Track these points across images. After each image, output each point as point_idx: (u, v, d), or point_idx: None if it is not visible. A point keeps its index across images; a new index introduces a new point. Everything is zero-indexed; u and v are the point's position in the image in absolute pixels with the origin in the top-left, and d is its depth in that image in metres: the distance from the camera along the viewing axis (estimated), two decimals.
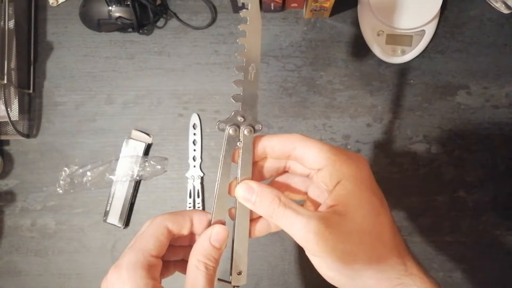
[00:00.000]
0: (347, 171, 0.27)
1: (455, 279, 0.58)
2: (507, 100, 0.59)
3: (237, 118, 0.30)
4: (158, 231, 0.29)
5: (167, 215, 0.30)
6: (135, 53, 0.61)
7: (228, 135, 0.30)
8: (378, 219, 0.27)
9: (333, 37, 0.60)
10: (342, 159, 0.28)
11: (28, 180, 0.60)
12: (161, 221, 0.30)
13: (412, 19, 0.56)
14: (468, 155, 0.59)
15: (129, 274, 0.27)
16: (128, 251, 0.28)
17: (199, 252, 0.29)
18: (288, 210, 0.27)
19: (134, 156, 0.58)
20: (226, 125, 0.30)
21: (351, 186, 0.27)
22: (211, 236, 0.29)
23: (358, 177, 0.28)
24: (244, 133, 0.30)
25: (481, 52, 0.59)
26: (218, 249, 0.29)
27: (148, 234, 0.29)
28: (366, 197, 0.27)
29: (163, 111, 0.60)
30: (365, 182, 0.28)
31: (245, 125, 0.30)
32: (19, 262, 0.59)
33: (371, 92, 0.59)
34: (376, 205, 0.27)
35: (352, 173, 0.27)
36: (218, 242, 0.29)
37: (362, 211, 0.27)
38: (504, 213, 0.58)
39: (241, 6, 0.57)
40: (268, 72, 0.60)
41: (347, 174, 0.27)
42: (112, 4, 0.56)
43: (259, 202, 0.28)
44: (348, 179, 0.27)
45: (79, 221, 0.59)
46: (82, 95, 0.60)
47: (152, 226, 0.30)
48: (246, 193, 0.29)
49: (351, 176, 0.27)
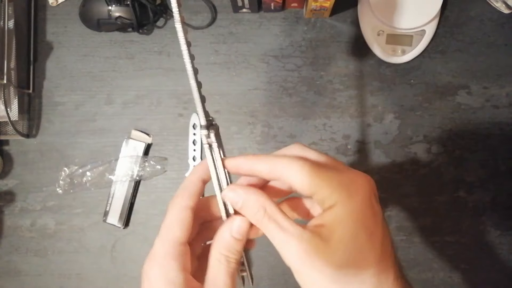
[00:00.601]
0: (339, 197, 0.26)
1: (455, 279, 0.58)
2: (508, 100, 0.59)
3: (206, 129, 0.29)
4: (182, 214, 0.28)
5: (185, 194, 0.29)
6: (135, 53, 0.60)
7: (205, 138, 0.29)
8: (361, 254, 0.25)
9: (333, 37, 0.60)
10: (333, 185, 0.26)
11: (27, 180, 0.60)
12: (180, 200, 0.29)
13: (412, 19, 0.56)
14: (469, 155, 0.59)
15: (160, 268, 0.27)
16: (158, 241, 0.28)
17: (221, 245, 0.28)
18: (271, 224, 0.26)
19: (134, 156, 0.58)
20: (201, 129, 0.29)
21: (341, 214, 0.25)
22: (232, 229, 0.28)
23: (349, 206, 0.26)
24: (211, 135, 0.29)
25: (481, 52, 0.59)
26: (240, 241, 0.28)
27: (173, 220, 0.28)
28: (352, 231, 0.25)
29: (163, 111, 0.60)
30: (355, 213, 0.26)
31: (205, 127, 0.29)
32: (19, 262, 0.59)
33: (371, 92, 0.59)
34: (360, 241, 0.25)
35: (343, 200, 0.26)
36: (240, 234, 0.28)
37: (345, 245, 0.25)
38: (504, 213, 0.58)
39: (241, 5, 0.57)
40: (268, 72, 0.60)
41: (339, 200, 0.26)
42: (112, 4, 0.56)
43: (245, 209, 0.27)
44: (340, 205, 0.26)
45: (78, 221, 0.59)
46: (82, 95, 0.60)
47: (174, 209, 0.29)
48: (233, 198, 0.28)
49: (342, 203, 0.26)
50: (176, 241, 0.27)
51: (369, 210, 0.26)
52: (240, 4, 0.57)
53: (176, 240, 0.28)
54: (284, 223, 0.26)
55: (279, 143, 0.59)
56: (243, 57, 0.60)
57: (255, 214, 0.27)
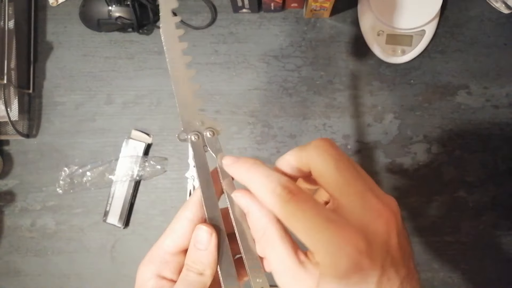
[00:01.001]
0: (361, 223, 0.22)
1: (455, 279, 0.58)
2: (508, 100, 0.59)
3: (196, 123, 0.29)
4: (177, 224, 0.27)
5: (189, 204, 0.28)
6: (135, 53, 0.60)
7: (192, 143, 0.29)
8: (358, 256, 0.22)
9: (333, 37, 0.60)
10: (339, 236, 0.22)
11: (27, 180, 0.60)
12: (181, 212, 0.28)
13: (412, 19, 0.56)
14: (468, 155, 0.59)
15: (140, 269, 0.28)
16: (154, 246, 0.28)
17: (188, 257, 0.27)
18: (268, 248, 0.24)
19: (134, 156, 0.58)
20: (187, 134, 0.29)
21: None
22: (194, 238, 0.27)
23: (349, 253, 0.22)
24: (207, 136, 0.29)
25: (481, 52, 0.59)
26: (203, 251, 0.26)
27: (169, 228, 0.28)
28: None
29: (163, 111, 0.60)
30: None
31: (205, 128, 0.29)
32: (19, 262, 0.59)
33: (371, 92, 0.59)
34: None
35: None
36: (201, 243, 0.26)
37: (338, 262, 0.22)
38: (504, 213, 0.58)
39: (241, 6, 0.57)
40: (268, 72, 0.60)
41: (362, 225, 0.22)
42: (112, 4, 0.56)
43: (249, 222, 0.26)
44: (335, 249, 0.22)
45: (78, 221, 0.59)
46: (82, 95, 0.60)
47: (175, 218, 0.28)
48: (243, 205, 0.26)
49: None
50: (163, 249, 0.27)
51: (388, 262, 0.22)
52: (240, 4, 0.57)
53: (164, 248, 0.27)
54: (283, 252, 0.24)
55: (279, 143, 0.59)
56: (243, 57, 0.60)
57: (256, 232, 0.25)
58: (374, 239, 0.22)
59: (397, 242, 0.22)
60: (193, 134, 0.28)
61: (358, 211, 0.23)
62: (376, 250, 0.22)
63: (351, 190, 0.23)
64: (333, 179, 0.24)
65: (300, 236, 0.22)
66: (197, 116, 0.29)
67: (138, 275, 0.28)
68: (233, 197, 0.27)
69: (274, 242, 0.24)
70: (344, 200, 0.23)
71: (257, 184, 0.24)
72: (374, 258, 0.21)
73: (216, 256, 0.26)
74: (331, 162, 0.24)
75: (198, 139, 0.29)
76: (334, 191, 0.24)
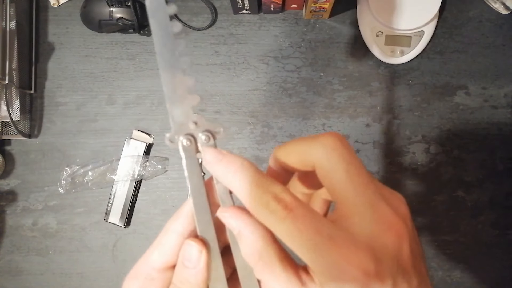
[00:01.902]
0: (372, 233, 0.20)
1: (454, 278, 0.59)
2: (506, 100, 0.59)
3: (188, 125, 0.23)
4: (165, 237, 0.24)
5: (179, 216, 0.24)
6: (136, 54, 0.61)
7: (183, 148, 0.24)
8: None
9: (333, 38, 0.60)
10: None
11: (29, 180, 0.60)
12: (170, 223, 0.24)
13: (411, 20, 0.57)
14: (467, 155, 0.59)
15: (124, 285, 0.24)
16: (140, 259, 0.25)
17: (175, 275, 0.24)
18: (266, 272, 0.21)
19: (135, 156, 0.59)
20: (177, 137, 0.23)
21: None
22: (182, 254, 0.23)
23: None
24: (202, 141, 0.24)
25: (479, 52, 0.60)
26: (191, 269, 0.23)
27: (156, 240, 0.24)
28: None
29: (163, 111, 0.60)
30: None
31: (201, 131, 0.24)
32: (21, 261, 0.60)
33: (370, 92, 0.60)
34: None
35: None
36: (190, 261, 0.23)
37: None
38: (502, 213, 0.59)
39: (241, 7, 0.58)
40: (268, 73, 0.60)
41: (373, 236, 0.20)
42: (113, 5, 0.57)
43: (240, 244, 0.22)
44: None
45: (80, 220, 0.60)
46: (83, 96, 0.61)
47: (163, 230, 0.24)
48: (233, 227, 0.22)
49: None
50: (149, 264, 0.24)
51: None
52: (240, 6, 0.57)
53: (150, 263, 0.24)
54: (283, 276, 0.21)
55: (279, 143, 0.60)
56: (243, 58, 0.60)
57: (250, 256, 0.22)
58: (384, 254, 0.20)
59: (409, 252, 0.21)
60: (185, 138, 0.24)
61: (366, 223, 0.21)
62: (386, 267, 0.20)
63: (361, 200, 0.21)
64: (342, 185, 0.21)
65: (300, 255, 0.20)
66: (190, 116, 0.24)
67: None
68: (220, 217, 0.23)
69: (273, 266, 0.21)
70: (351, 210, 0.21)
71: (246, 195, 0.21)
72: (384, 277, 0.19)
73: (206, 276, 0.23)
74: (341, 166, 0.21)
75: (190, 144, 0.24)
76: (341, 199, 0.22)
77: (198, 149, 0.24)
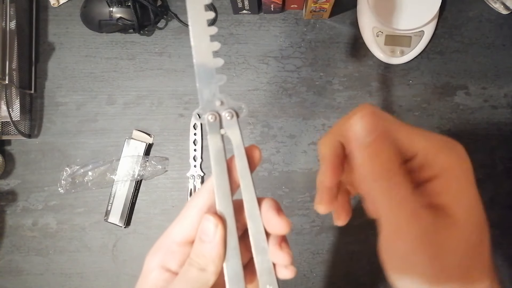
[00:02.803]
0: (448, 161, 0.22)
1: None
2: (506, 100, 0.59)
3: (214, 103, 0.26)
4: (187, 212, 0.25)
5: (202, 192, 0.26)
6: (136, 54, 0.61)
7: (208, 124, 0.26)
8: (485, 229, 0.21)
9: (333, 38, 0.60)
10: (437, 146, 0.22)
11: (29, 180, 0.60)
12: (192, 199, 0.26)
13: (411, 20, 0.57)
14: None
15: (147, 258, 0.26)
16: (163, 234, 0.26)
17: (192, 250, 0.25)
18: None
19: (135, 156, 0.59)
20: (204, 113, 0.26)
21: (456, 182, 0.22)
22: (201, 228, 0.24)
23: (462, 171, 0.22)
24: (226, 118, 0.26)
25: (479, 52, 0.60)
26: (208, 243, 0.24)
27: (179, 215, 0.26)
28: (475, 198, 0.21)
29: (163, 111, 0.60)
30: (470, 178, 0.22)
31: (225, 109, 0.26)
32: (21, 261, 0.60)
33: (370, 92, 0.60)
34: (482, 210, 0.22)
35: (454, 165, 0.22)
36: (206, 235, 0.24)
37: (473, 218, 0.21)
38: (502, 213, 0.59)
39: (241, 7, 0.58)
40: (268, 73, 0.60)
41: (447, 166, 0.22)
42: (113, 5, 0.57)
43: None
44: (451, 172, 0.22)
45: (80, 220, 0.60)
46: (83, 96, 0.61)
47: (186, 205, 0.26)
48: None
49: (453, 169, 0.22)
50: (170, 237, 0.25)
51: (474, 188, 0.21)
52: (240, 6, 0.57)
53: (171, 236, 0.25)
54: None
55: (279, 143, 0.60)
56: (243, 58, 0.60)
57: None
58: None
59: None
60: (210, 114, 0.26)
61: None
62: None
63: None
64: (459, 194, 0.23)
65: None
66: (217, 95, 0.26)
67: (145, 264, 0.26)
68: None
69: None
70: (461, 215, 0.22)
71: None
72: None
73: (221, 251, 0.24)
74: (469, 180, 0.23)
75: (215, 120, 0.26)
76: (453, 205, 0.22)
77: (222, 125, 0.26)
